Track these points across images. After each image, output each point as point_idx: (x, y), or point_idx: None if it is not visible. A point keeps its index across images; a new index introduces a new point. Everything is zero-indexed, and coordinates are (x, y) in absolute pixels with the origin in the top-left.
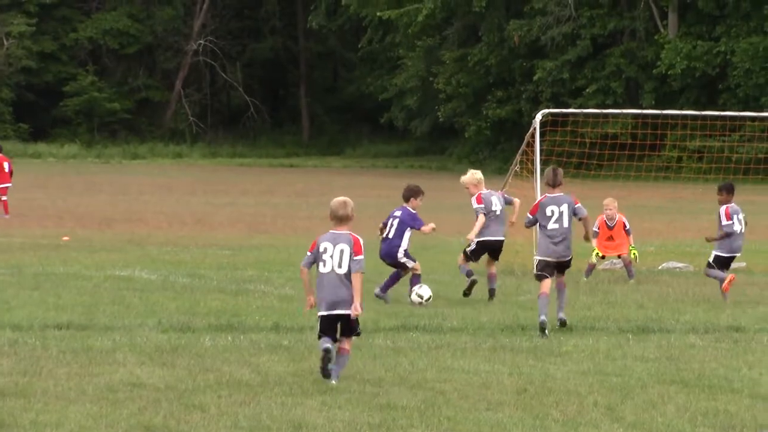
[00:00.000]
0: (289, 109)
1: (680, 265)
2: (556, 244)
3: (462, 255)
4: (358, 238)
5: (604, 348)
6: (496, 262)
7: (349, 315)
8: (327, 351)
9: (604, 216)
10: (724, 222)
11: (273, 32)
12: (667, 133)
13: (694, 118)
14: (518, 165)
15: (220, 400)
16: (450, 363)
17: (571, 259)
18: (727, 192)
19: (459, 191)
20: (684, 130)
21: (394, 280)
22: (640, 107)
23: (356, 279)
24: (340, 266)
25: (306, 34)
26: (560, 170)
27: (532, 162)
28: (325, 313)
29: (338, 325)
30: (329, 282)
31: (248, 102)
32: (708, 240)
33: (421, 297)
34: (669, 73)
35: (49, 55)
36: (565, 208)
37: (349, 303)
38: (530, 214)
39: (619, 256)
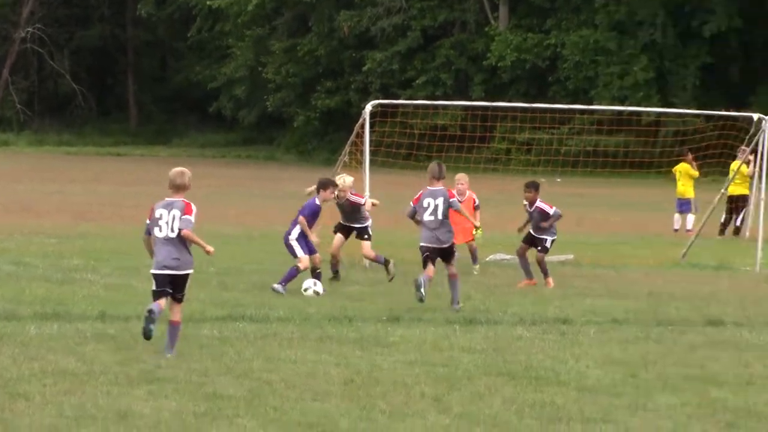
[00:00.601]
0: (116, 98)
1: (508, 256)
2: (432, 230)
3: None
4: (191, 203)
5: (431, 339)
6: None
7: (180, 275)
8: (150, 312)
9: (455, 191)
10: (552, 210)
11: (101, 20)
12: (497, 125)
13: (524, 110)
14: (347, 155)
15: (45, 388)
16: (277, 353)
17: (452, 245)
18: (536, 189)
19: (288, 180)
20: (513, 122)
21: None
22: (470, 99)
23: (187, 234)
24: (172, 231)
25: (134, 22)
26: (443, 165)
27: (362, 153)
28: (157, 271)
29: (169, 285)
30: (164, 245)
31: (76, 90)
32: (520, 230)
33: (317, 294)
34: (499, 65)
35: None
36: (440, 201)
37: (182, 265)
38: (412, 203)
39: (466, 243)
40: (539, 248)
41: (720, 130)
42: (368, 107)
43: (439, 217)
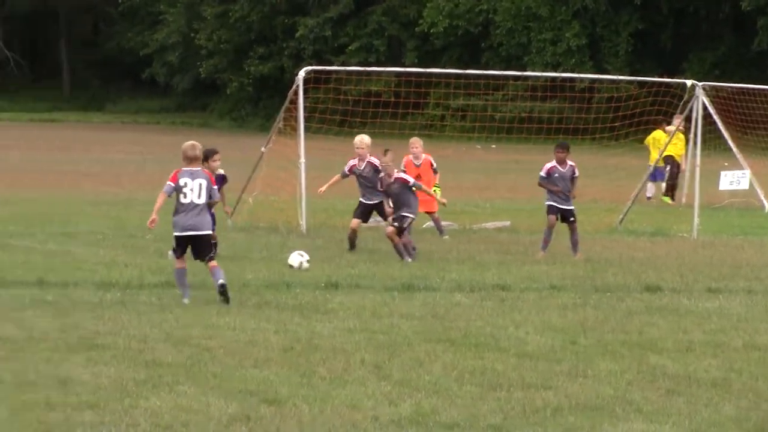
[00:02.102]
0: (49, 64)
1: (445, 223)
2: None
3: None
4: (210, 173)
5: (370, 305)
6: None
7: (202, 236)
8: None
9: (411, 155)
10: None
11: None
12: (431, 92)
13: (457, 76)
14: (281, 122)
15: None
16: (216, 320)
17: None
18: (568, 150)
19: (223, 147)
20: (447, 89)
21: None
22: (403, 65)
23: (214, 203)
24: (199, 197)
25: None
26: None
27: (296, 119)
28: (180, 234)
29: (190, 245)
30: (188, 210)
31: (8, 56)
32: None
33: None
34: (431, 31)
35: None
36: None
37: (203, 227)
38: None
39: (428, 213)
40: (572, 219)
41: (653, 96)
42: (302, 73)
43: None
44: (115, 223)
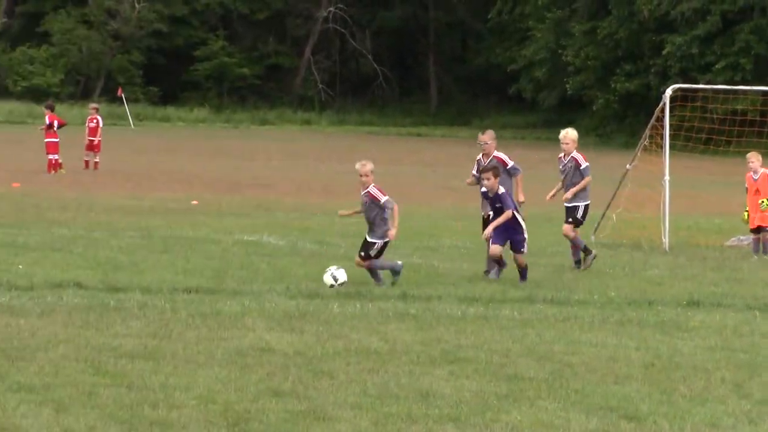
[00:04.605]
0: (417, 79)
1: None
2: None
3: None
4: None
5: (731, 324)
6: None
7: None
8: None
9: (750, 171)
10: None
11: (403, 1)
12: None
13: None
14: (647, 139)
15: (349, 367)
16: (577, 336)
17: None
18: None
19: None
20: None
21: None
22: None
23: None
24: None
25: (435, 3)
26: None
27: (661, 137)
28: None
29: None
30: None
31: (377, 70)
32: None
33: (335, 279)
34: None
35: (179, 18)
36: None
37: None
38: None
39: (760, 227)
40: None
41: None
42: (668, 91)
43: None
44: (479, 238)
